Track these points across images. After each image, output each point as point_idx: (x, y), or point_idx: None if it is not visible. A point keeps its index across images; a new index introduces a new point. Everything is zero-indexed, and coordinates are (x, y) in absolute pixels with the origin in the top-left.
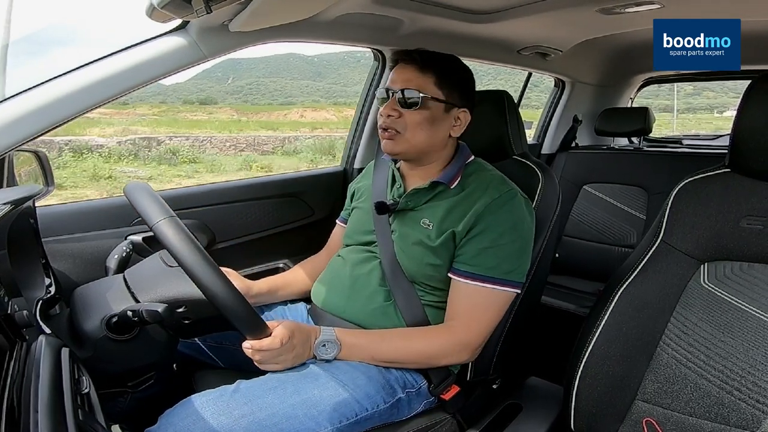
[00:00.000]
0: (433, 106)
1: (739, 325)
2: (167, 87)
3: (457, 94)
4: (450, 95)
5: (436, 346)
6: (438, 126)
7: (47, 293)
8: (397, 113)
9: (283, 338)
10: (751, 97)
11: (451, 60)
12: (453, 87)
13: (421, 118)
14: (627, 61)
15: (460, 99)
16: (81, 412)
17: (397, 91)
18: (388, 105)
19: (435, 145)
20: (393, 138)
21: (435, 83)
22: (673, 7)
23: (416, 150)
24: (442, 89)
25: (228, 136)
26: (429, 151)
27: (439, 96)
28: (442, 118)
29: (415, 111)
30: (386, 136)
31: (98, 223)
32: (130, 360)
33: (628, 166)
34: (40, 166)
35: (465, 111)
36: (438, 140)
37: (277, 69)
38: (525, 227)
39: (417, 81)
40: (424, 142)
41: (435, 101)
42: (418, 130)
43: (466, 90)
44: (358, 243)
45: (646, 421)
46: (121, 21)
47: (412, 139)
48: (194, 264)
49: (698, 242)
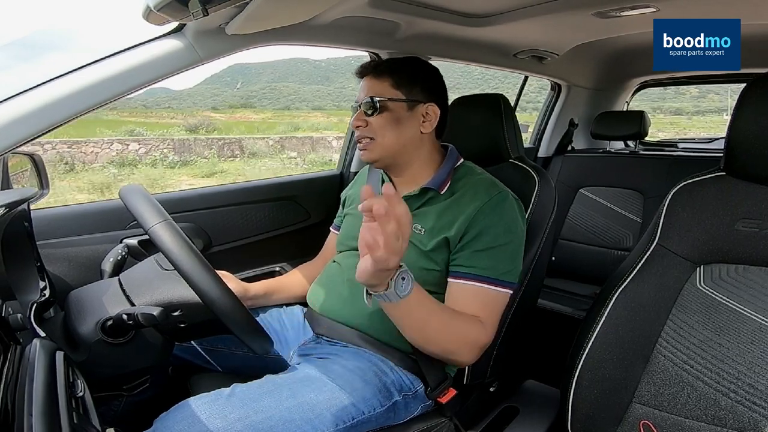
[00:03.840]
0: (394, 107)
1: (735, 328)
2: (180, 92)
3: (418, 90)
4: (409, 93)
5: (473, 334)
6: (404, 125)
7: (42, 296)
8: (364, 122)
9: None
10: (746, 101)
11: (408, 61)
12: (412, 85)
13: (384, 120)
14: (623, 64)
15: (423, 95)
16: (76, 416)
17: (362, 102)
18: (355, 117)
19: (406, 145)
20: (367, 146)
21: (391, 85)
22: (668, 11)
23: (390, 152)
24: (399, 89)
25: (302, 136)
26: (403, 151)
27: (398, 96)
28: (406, 117)
29: (377, 116)
30: (361, 146)
31: (93, 226)
32: (125, 363)
33: (624, 169)
34: (35, 169)
35: (432, 105)
36: (408, 138)
37: (286, 73)
38: (518, 228)
39: (375, 88)
40: (394, 143)
41: (394, 102)
42: (385, 132)
43: (428, 85)
44: (352, 248)
45: (643, 424)
46: (114, 26)
47: (382, 142)
48: (190, 268)
49: (694, 245)
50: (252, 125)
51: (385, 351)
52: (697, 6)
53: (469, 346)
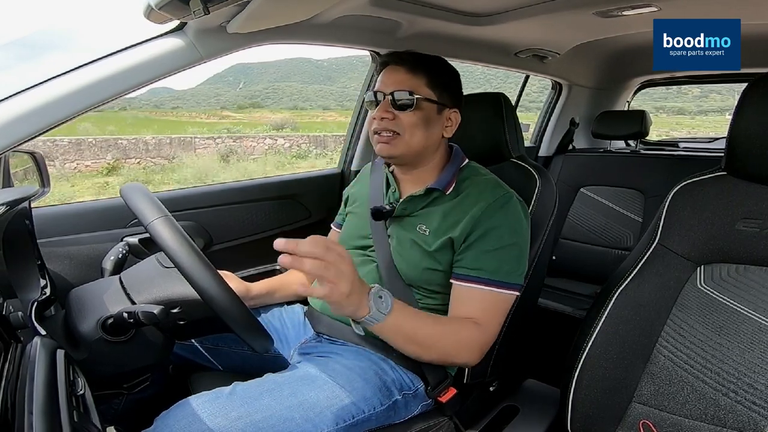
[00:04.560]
0: (427, 107)
1: (736, 328)
2: (184, 92)
3: (447, 94)
4: (441, 96)
5: (468, 337)
6: (432, 127)
7: (42, 295)
8: (391, 115)
9: (330, 245)
10: (747, 100)
11: (440, 61)
12: (444, 88)
13: (416, 119)
14: (624, 64)
15: (451, 99)
16: (76, 414)
17: (388, 94)
18: (380, 108)
19: (430, 147)
20: (390, 141)
21: (427, 84)
22: (669, 10)
23: (413, 152)
24: (434, 90)
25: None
26: (424, 153)
27: (432, 97)
28: (435, 119)
29: (409, 113)
30: (382, 139)
31: (94, 225)
32: (125, 362)
33: (625, 169)
34: (37, 167)
35: (455, 111)
36: (432, 141)
37: (288, 73)
38: (522, 229)
39: (409, 83)
40: (420, 144)
41: (428, 102)
42: (415, 131)
43: (455, 90)
44: (354, 247)
45: (642, 424)
46: (114, 26)
47: (410, 140)
48: (189, 264)
49: (694, 245)
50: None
51: (385, 350)
52: (698, 6)
53: (467, 349)
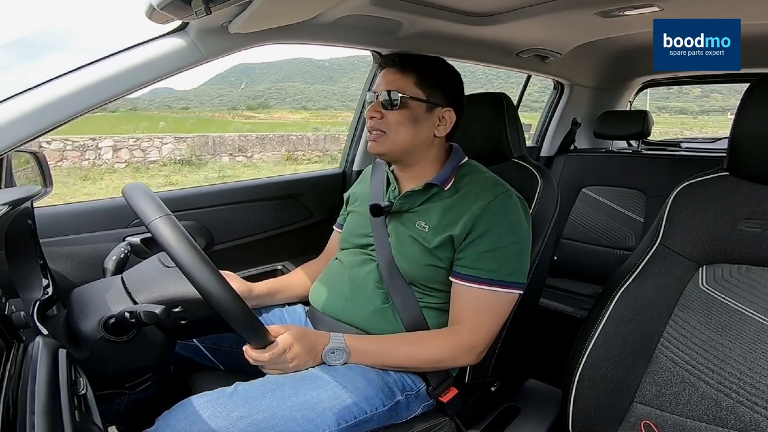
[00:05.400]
0: (414, 106)
1: (737, 328)
2: (187, 92)
3: (439, 93)
4: (431, 95)
5: (443, 350)
6: (420, 125)
7: (44, 294)
8: (379, 114)
9: (287, 346)
10: (750, 101)
11: (434, 61)
12: (434, 87)
13: (401, 117)
14: (625, 64)
15: (443, 99)
16: (78, 414)
17: (381, 93)
18: (371, 107)
19: (419, 145)
20: (377, 139)
21: (415, 83)
22: (671, 10)
23: (400, 149)
24: (422, 89)
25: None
26: (413, 150)
27: (420, 96)
28: (424, 118)
29: (395, 111)
30: (371, 137)
31: (96, 225)
32: (127, 361)
33: (627, 169)
34: (39, 167)
35: (449, 110)
36: (421, 139)
37: (290, 74)
38: (523, 228)
39: (398, 82)
40: (407, 141)
41: (415, 101)
42: (400, 128)
43: (449, 90)
44: (355, 246)
45: (644, 424)
46: (114, 26)
47: (395, 138)
48: (190, 263)
49: (696, 245)
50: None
51: None
52: (700, 6)
53: (454, 352)
